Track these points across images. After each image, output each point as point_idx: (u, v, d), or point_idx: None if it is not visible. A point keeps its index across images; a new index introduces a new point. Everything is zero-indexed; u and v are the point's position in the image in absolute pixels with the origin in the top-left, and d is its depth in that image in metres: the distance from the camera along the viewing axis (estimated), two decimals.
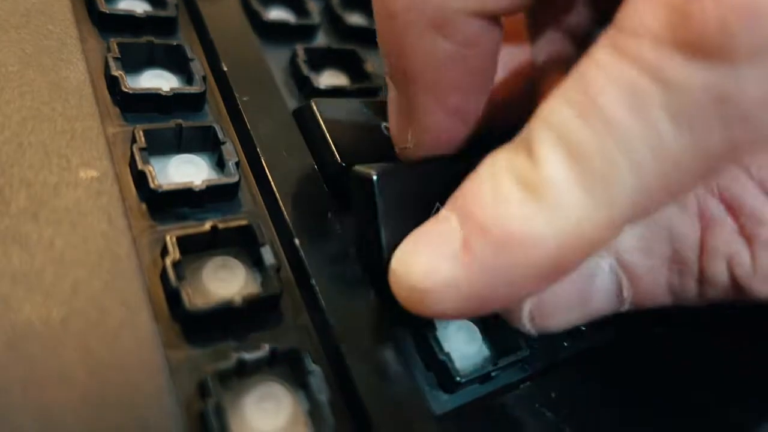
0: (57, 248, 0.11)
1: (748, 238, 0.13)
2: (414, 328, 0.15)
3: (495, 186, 0.11)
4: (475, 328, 0.16)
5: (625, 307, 0.14)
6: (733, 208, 0.13)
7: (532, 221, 0.11)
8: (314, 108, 0.16)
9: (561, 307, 0.14)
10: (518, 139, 0.12)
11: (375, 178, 0.13)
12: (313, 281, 0.13)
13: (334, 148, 0.16)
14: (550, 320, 0.14)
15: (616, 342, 0.18)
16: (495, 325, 0.16)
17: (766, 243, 0.13)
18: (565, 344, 0.17)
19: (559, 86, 0.11)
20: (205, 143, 0.15)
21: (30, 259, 0.11)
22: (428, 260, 0.12)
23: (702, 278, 0.14)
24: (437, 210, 0.14)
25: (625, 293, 0.14)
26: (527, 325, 0.13)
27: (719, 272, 0.13)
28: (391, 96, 0.15)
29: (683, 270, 0.14)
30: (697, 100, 0.10)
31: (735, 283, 0.14)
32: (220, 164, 0.15)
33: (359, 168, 0.14)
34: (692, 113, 0.10)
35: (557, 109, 0.11)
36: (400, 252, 0.13)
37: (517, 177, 0.11)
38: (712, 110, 0.10)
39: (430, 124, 0.14)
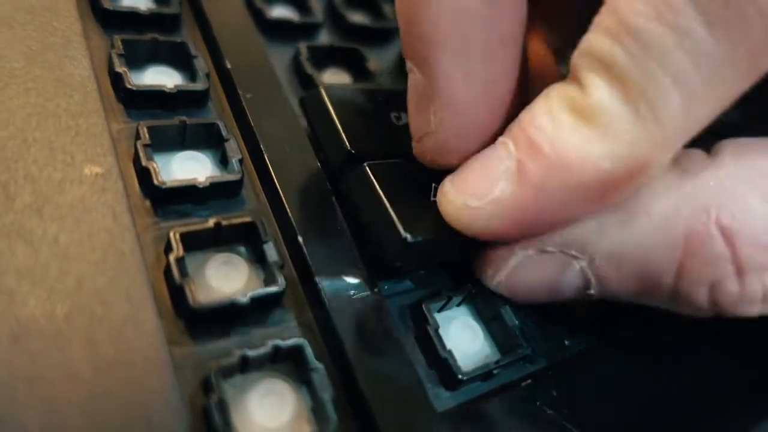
0: (61, 244, 0.11)
1: (740, 266, 0.13)
2: (417, 326, 0.15)
3: (549, 112, 0.12)
4: (478, 327, 0.16)
5: (593, 298, 0.15)
6: (729, 234, 0.13)
7: (586, 145, 0.11)
8: (323, 94, 0.16)
9: (527, 290, 0.14)
10: (569, 75, 0.12)
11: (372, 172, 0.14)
12: (317, 278, 0.14)
13: (343, 135, 0.15)
14: (516, 296, 0.15)
15: (617, 340, 0.18)
16: (497, 324, 0.16)
17: (759, 269, 0.13)
18: (566, 343, 0.17)
19: (595, 18, 0.11)
20: (209, 140, 0.15)
21: (34, 255, 0.11)
22: (482, 179, 0.13)
23: (677, 297, 0.14)
24: (434, 190, 0.15)
25: (593, 291, 0.14)
26: (496, 289, 0.15)
27: (700, 296, 0.13)
28: (411, 80, 0.14)
29: (655, 288, 0.14)
30: None
31: (715, 306, 0.14)
32: (223, 161, 0.15)
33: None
34: (722, 9, 0.10)
35: (594, 39, 0.11)
36: (452, 175, 0.14)
37: (569, 104, 0.12)
38: (746, 2, 0.09)
39: (454, 97, 0.13)
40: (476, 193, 0.13)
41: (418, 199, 0.14)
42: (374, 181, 0.14)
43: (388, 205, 0.14)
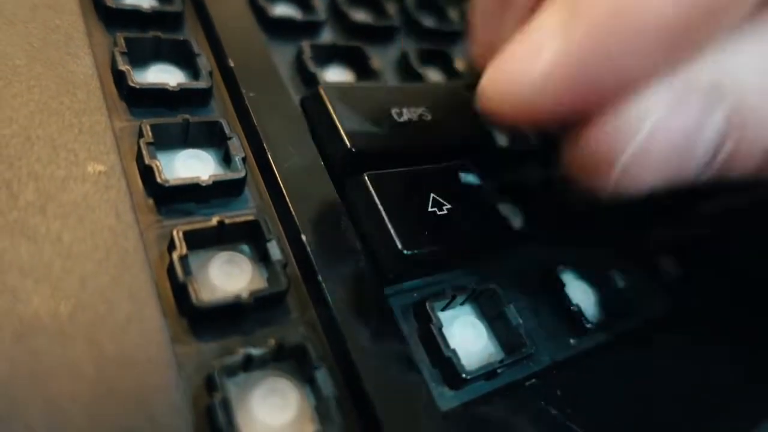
0: (65, 242, 0.11)
1: None
2: (421, 325, 0.15)
3: None
4: (481, 325, 0.16)
5: (707, 176, 0.12)
6: None
7: None
8: (323, 94, 0.16)
9: (661, 158, 0.12)
10: None
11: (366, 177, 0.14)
12: (320, 277, 0.13)
13: (343, 133, 0.15)
14: (643, 175, 0.12)
15: (621, 341, 0.18)
16: (501, 323, 0.16)
17: None
18: (572, 342, 0.17)
19: None
20: (212, 138, 0.15)
21: (38, 252, 0.11)
22: (528, 45, 0.11)
23: None
24: (433, 200, 0.15)
25: (720, 157, 0.12)
26: (612, 183, 0.12)
27: None
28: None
29: None
30: None
31: None
32: (226, 159, 0.15)
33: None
34: None
35: None
36: (494, 60, 0.12)
37: None
38: None
39: None
40: (522, 62, 0.11)
41: (417, 210, 0.15)
42: (373, 191, 0.14)
43: (385, 216, 0.14)
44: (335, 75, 0.20)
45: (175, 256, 0.12)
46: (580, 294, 0.18)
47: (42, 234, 0.11)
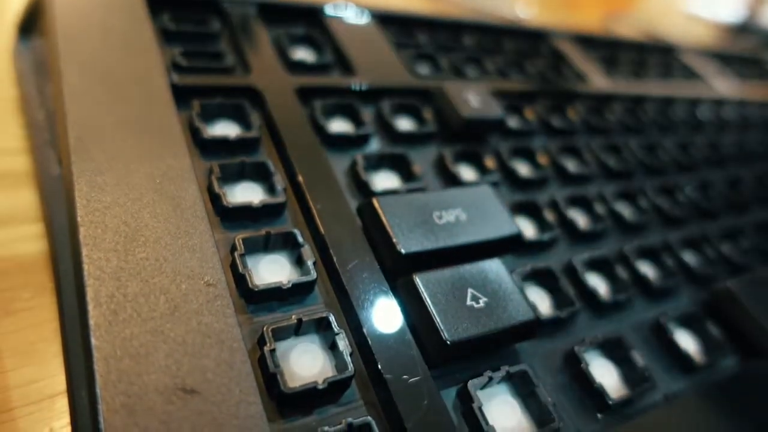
0: (188, 343, 0.15)
1: None
2: (463, 404, 0.17)
3: None
4: (515, 403, 0.18)
5: None
6: None
7: None
8: (376, 205, 0.20)
9: None
10: None
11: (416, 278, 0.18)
12: (380, 365, 0.16)
13: (393, 239, 0.19)
14: None
15: (642, 413, 0.20)
16: (533, 400, 0.18)
17: None
18: (599, 416, 0.19)
19: None
20: (287, 245, 0.19)
21: (171, 353, 0.14)
22: None
23: None
24: (471, 295, 0.18)
25: None
26: None
27: None
28: None
29: None
30: None
31: None
32: (299, 262, 0.19)
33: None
34: None
35: None
36: None
37: None
38: None
39: None
40: None
41: (458, 304, 0.18)
42: (422, 290, 0.18)
43: (432, 311, 0.17)
44: (384, 180, 0.23)
45: (266, 350, 0.15)
46: (604, 372, 0.20)
47: (172, 337, 0.14)
